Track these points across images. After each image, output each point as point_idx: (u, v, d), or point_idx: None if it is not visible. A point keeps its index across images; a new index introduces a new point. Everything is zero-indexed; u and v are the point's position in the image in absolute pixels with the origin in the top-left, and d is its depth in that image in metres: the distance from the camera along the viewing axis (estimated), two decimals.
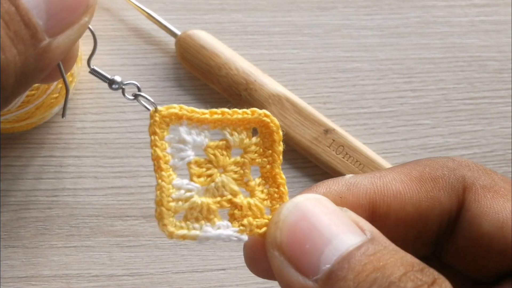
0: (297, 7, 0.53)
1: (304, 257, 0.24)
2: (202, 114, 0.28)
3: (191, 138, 0.28)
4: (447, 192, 0.29)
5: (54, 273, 0.47)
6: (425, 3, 0.54)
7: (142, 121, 0.50)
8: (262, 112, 0.28)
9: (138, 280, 0.48)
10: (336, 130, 0.49)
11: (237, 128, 0.28)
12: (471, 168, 0.30)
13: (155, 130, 0.27)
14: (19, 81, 0.24)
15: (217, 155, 0.28)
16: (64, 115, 0.30)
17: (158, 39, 0.51)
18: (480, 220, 0.28)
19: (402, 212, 0.29)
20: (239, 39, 0.52)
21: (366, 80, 0.52)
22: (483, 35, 0.54)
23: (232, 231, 0.27)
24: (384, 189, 0.29)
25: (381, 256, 0.23)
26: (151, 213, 0.48)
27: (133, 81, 0.29)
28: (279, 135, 0.29)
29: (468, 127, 0.52)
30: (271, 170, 0.29)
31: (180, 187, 0.27)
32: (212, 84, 0.50)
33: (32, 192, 0.48)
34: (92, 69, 0.29)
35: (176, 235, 0.27)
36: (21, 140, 0.49)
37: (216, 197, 0.28)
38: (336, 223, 0.25)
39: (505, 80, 0.53)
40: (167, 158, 0.27)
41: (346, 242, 0.24)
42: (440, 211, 0.29)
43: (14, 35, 0.23)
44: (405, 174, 0.30)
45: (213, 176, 0.28)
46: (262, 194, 0.28)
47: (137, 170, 0.49)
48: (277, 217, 0.26)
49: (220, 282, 0.48)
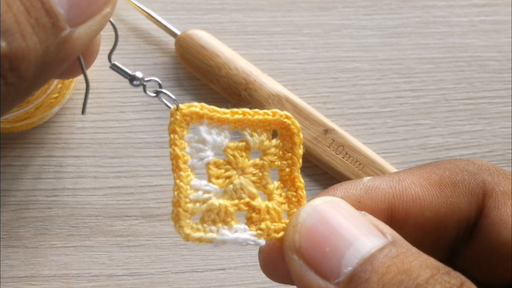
0: (297, 7, 0.53)
1: (324, 260, 0.24)
2: (223, 114, 0.27)
3: (211, 138, 0.27)
4: (466, 197, 0.29)
5: (54, 273, 0.47)
6: (425, 3, 0.54)
7: (142, 121, 0.50)
8: (283, 114, 0.28)
9: (137, 280, 0.48)
10: (336, 130, 0.49)
11: (257, 129, 0.28)
12: (492, 173, 0.29)
13: (175, 129, 0.26)
14: (40, 72, 0.23)
15: (237, 156, 0.27)
16: (84, 112, 0.30)
17: (158, 39, 0.51)
18: (500, 227, 0.28)
19: (421, 217, 0.28)
20: (239, 39, 0.52)
21: (366, 80, 0.52)
22: (483, 35, 0.54)
23: (249, 235, 0.27)
24: (403, 194, 0.29)
25: (405, 258, 0.23)
26: (151, 213, 0.48)
27: (154, 78, 0.28)
28: (300, 137, 0.28)
29: (468, 127, 0.52)
30: (290, 173, 0.28)
31: (198, 188, 0.26)
32: (212, 84, 0.50)
33: (32, 192, 0.48)
34: (113, 64, 0.28)
35: (193, 238, 0.26)
36: (21, 140, 0.49)
37: (234, 199, 0.27)
38: (356, 225, 0.24)
39: (505, 80, 0.53)
40: (186, 158, 0.26)
41: (367, 245, 0.24)
42: (459, 217, 0.28)
43: (36, 22, 0.22)
44: (425, 178, 0.29)
45: (232, 178, 0.27)
46: (280, 198, 0.28)
47: (137, 170, 0.49)
48: (296, 220, 0.25)
49: (220, 282, 0.48)
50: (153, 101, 0.50)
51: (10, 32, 0.22)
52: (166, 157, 0.49)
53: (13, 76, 0.22)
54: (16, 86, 0.23)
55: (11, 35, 0.22)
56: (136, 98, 0.50)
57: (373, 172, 0.49)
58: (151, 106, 0.50)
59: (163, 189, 0.49)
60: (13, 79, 0.22)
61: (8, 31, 0.22)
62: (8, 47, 0.22)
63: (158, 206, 0.49)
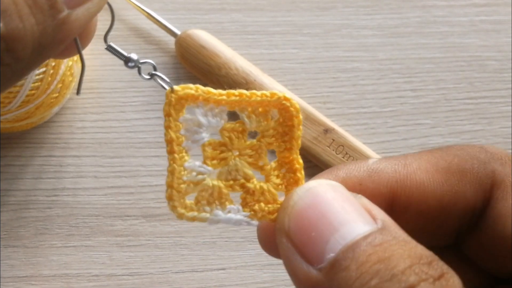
0: (297, 7, 0.53)
1: (309, 245, 0.24)
2: (219, 96, 0.27)
3: (206, 120, 0.27)
4: (474, 187, 0.28)
5: (54, 272, 0.47)
6: (425, 3, 0.54)
7: (143, 121, 0.50)
8: (282, 95, 0.27)
9: (138, 280, 0.48)
10: (336, 130, 0.49)
11: (255, 110, 0.27)
12: (504, 162, 0.28)
13: (170, 111, 0.26)
14: (36, 53, 0.23)
15: (233, 138, 0.27)
16: (79, 92, 0.30)
17: (158, 38, 0.51)
18: (506, 220, 0.27)
19: (424, 204, 0.28)
20: (239, 38, 0.52)
21: (366, 80, 0.52)
22: (483, 35, 0.54)
23: (242, 216, 0.27)
24: (407, 179, 0.28)
25: (388, 247, 0.22)
26: (151, 212, 0.48)
27: (149, 60, 0.28)
28: (299, 119, 0.27)
29: (468, 127, 0.52)
30: (289, 155, 0.28)
31: (192, 170, 0.27)
32: (212, 83, 0.50)
33: (32, 192, 0.48)
34: (108, 45, 0.28)
35: (186, 217, 0.26)
36: (21, 140, 0.49)
37: (228, 180, 0.27)
38: (346, 210, 0.24)
39: (505, 80, 0.53)
40: (181, 139, 0.27)
41: (353, 231, 0.23)
42: (464, 205, 0.28)
43: (33, 3, 0.23)
44: (432, 164, 0.28)
45: (227, 159, 0.27)
46: (278, 179, 0.28)
47: (137, 169, 0.49)
48: (287, 203, 0.25)
49: (220, 282, 0.48)
50: (154, 101, 0.50)
51: (7, 13, 0.22)
52: (166, 157, 0.49)
53: (8, 57, 0.22)
54: (11, 67, 0.23)
55: (8, 15, 0.22)
56: (136, 98, 0.50)
57: None
58: (152, 106, 0.50)
59: (163, 189, 0.48)
60: (9, 60, 0.23)
61: (5, 12, 0.22)
62: (5, 28, 0.22)
63: (158, 206, 0.49)
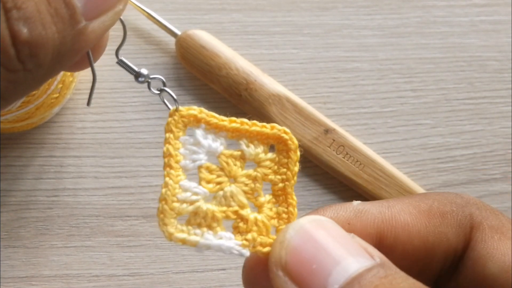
0: (297, 7, 0.53)
1: (310, 277, 0.24)
2: (220, 121, 0.27)
3: (206, 142, 0.27)
4: (454, 228, 0.29)
5: (54, 273, 0.47)
6: (425, 3, 0.54)
7: (143, 121, 0.50)
8: (281, 129, 0.28)
9: (138, 280, 0.48)
10: (336, 130, 0.49)
11: (254, 141, 0.28)
12: (479, 207, 0.29)
13: (171, 128, 0.27)
14: (55, 61, 0.24)
15: (230, 164, 0.27)
16: (89, 103, 0.30)
17: (158, 39, 0.51)
18: (486, 261, 0.28)
19: (409, 245, 0.28)
20: (239, 39, 0.52)
21: (366, 80, 0.52)
22: (483, 35, 0.54)
23: (234, 244, 0.26)
24: (392, 220, 0.29)
25: (393, 280, 0.23)
26: (152, 213, 0.48)
27: (159, 76, 0.29)
28: (297, 154, 0.28)
29: (468, 127, 0.52)
30: (284, 189, 0.28)
31: (187, 189, 0.26)
32: (212, 84, 0.50)
33: (32, 192, 0.48)
34: (119, 60, 0.29)
35: (175, 238, 0.26)
36: (21, 140, 0.49)
37: (222, 206, 0.27)
38: (344, 246, 0.24)
39: (505, 80, 0.53)
40: (179, 157, 0.26)
41: (355, 265, 0.24)
42: (446, 247, 0.29)
43: (55, 13, 0.23)
44: (414, 206, 0.29)
45: (223, 184, 0.27)
46: (271, 212, 0.27)
47: (137, 170, 0.49)
48: (283, 237, 0.25)
49: (221, 282, 0.48)
50: (154, 101, 0.50)
51: (32, 20, 0.23)
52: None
53: (31, 63, 0.23)
54: (33, 72, 0.23)
55: (33, 22, 0.23)
56: (136, 98, 0.50)
57: (374, 172, 0.49)
58: (152, 106, 0.50)
59: None
60: (31, 66, 0.23)
61: (29, 19, 0.23)
62: (29, 34, 0.23)
63: None
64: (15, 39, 0.22)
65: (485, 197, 0.52)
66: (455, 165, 0.52)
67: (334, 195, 0.51)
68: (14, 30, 0.22)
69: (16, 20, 0.22)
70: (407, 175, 0.51)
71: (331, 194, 0.51)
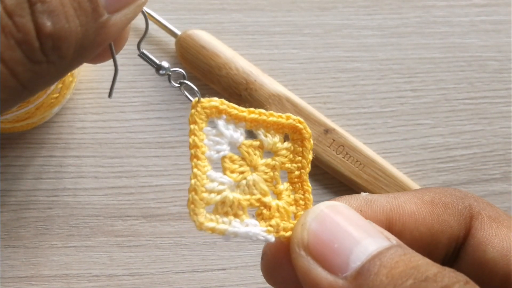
0: (297, 7, 0.53)
1: (332, 256, 0.25)
2: (241, 112, 0.28)
3: (228, 133, 0.28)
4: (456, 217, 0.31)
5: (54, 273, 0.47)
6: (425, 3, 0.54)
7: (143, 121, 0.50)
8: (296, 118, 0.29)
9: (138, 280, 0.48)
10: (336, 130, 0.49)
11: (271, 130, 0.29)
12: (477, 200, 0.32)
13: (196, 120, 0.27)
14: (77, 53, 0.25)
15: (250, 153, 0.28)
16: (111, 95, 0.31)
17: (158, 39, 0.51)
18: (485, 246, 0.30)
19: (416, 231, 0.30)
20: (239, 39, 0.52)
21: (366, 80, 0.52)
22: (483, 35, 0.54)
23: (260, 230, 0.27)
24: (399, 208, 0.30)
25: (412, 257, 0.24)
26: (152, 213, 0.48)
27: (179, 69, 0.30)
28: (310, 143, 0.29)
29: (468, 127, 0.52)
30: (299, 176, 0.29)
31: (214, 179, 0.27)
32: (212, 84, 0.50)
33: (32, 192, 0.48)
34: (141, 52, 0.30)
35: (206, 227, 0.26)
36: (21, 140, 0.49)
37: (246, 194, 0.28)
38: (362, 228, 0.26)
39: (505, 80, 0.53)
40: (204, 148, 0.27)
41: (375, 244, 0.25)
42: (450, 234, 0.31)
43: (78, 6, 0.24)
44: (418, 197, 0.31)
45: (245, 173, 0.28)
46: (289, 199, 0.29)
47: (137, 170, 0.49)
48: (304, 219, 0.27)
49: (221, 282, 0.48)
50: (154, 101, 0.50)
51: (55, 13, 0.23)
52: (167, 157, 0.49)
53: (54, 55, 0.24)
54: (56, 64, 0.24)
55: (56, 15, 0.23)
56: (136, 98, 0.50)
57: (374, 172, 0.49)
58: (152, 106, 0.50)
59: (163, 189, 0.49)
60: (54, 58, 0.24)
61: (53, 12, 0.23)
62: (53, 27, 0.23)
63: (158, 206, 0.49)
64: (39, 32, 0.23)
65: (485, 197, 0.52)
66: (455, 165, 0.52)
67: (334, 195, 0.51)
68: (39, 23, 0.23)
69: (40, 13, 0.23)
70: (407, 175, 0.51)
71: (331, 194, 0.51)
